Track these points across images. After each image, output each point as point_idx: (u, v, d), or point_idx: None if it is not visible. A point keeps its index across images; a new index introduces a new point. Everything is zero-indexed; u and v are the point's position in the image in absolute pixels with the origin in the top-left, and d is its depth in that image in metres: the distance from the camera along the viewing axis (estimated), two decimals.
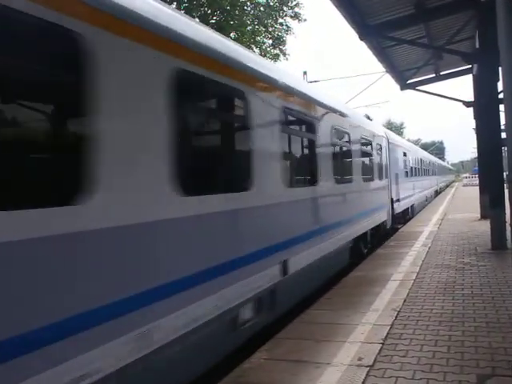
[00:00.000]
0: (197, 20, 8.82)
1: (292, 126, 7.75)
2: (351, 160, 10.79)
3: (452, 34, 14.87)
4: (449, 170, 67.83)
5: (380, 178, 13.96)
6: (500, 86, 10.59)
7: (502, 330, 5.44)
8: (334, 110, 9.75)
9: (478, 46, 13.17)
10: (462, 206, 24.65)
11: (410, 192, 20.97)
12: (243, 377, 4.59)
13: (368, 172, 12.44)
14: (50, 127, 3.73)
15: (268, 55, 28.48)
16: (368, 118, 16.36)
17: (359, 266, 10.00)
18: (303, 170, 8.44)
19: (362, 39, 13.29)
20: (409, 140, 44.25)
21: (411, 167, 22.91)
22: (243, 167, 5.83)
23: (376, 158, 13.55)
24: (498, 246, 10.89)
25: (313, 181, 8.14)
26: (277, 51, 29.38)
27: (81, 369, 3.24)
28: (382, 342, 5.29)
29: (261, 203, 6.06)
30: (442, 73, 19.12)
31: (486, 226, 12.65)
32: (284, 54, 29.58)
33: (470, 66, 17.61)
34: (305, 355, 5.04)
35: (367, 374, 4.43)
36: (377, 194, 13.48)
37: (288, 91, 7.25)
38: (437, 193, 42.49)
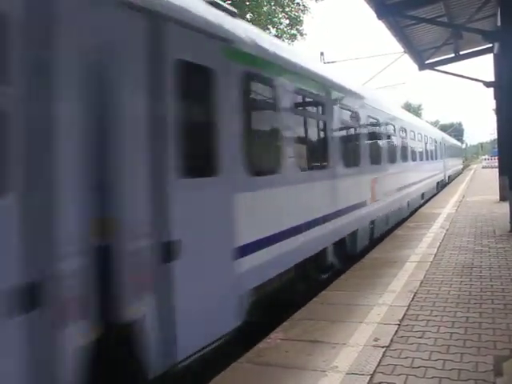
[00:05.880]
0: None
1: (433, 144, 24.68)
2: (434, 149, 24.64)
3: (472, 11, 14.49)
4: (460, 151, 66.83)
5: (439, 158, 26.94)
6: None
7: None
8: (439, 137, 29.39)
9: (499, 23, 12.84)
10: (480, 189, 24.35)
11: (450, 166, 35.95)
12: (260, 357, 4.62)
13: (440, 156, 27.59)
14: None
15: (285, 35, 28.23)
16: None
17: (376, 248, 9.96)
18: (434, 154, 24.69)
19: (379, 18, 13.03)
20: (427, 122, 44.30)
21: (450, 153, 37.65)
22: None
23: (438, 149, 26.69)
24: None
25: (430, 158, 23.07)
26: (294, 31, 29.10)
27: None
28: (398, 323, 5.30)
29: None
30: (461, 52, 18.68)
31: (505, 208, 12.48)
32: (301, 35, 29.32)
33: (491, 44, 17.20)
34: (321, 336, 5.06)
35: (383, 355, 4.44)
36: (440, 167, 27.36)
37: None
38: (462, 169, 57.09)
